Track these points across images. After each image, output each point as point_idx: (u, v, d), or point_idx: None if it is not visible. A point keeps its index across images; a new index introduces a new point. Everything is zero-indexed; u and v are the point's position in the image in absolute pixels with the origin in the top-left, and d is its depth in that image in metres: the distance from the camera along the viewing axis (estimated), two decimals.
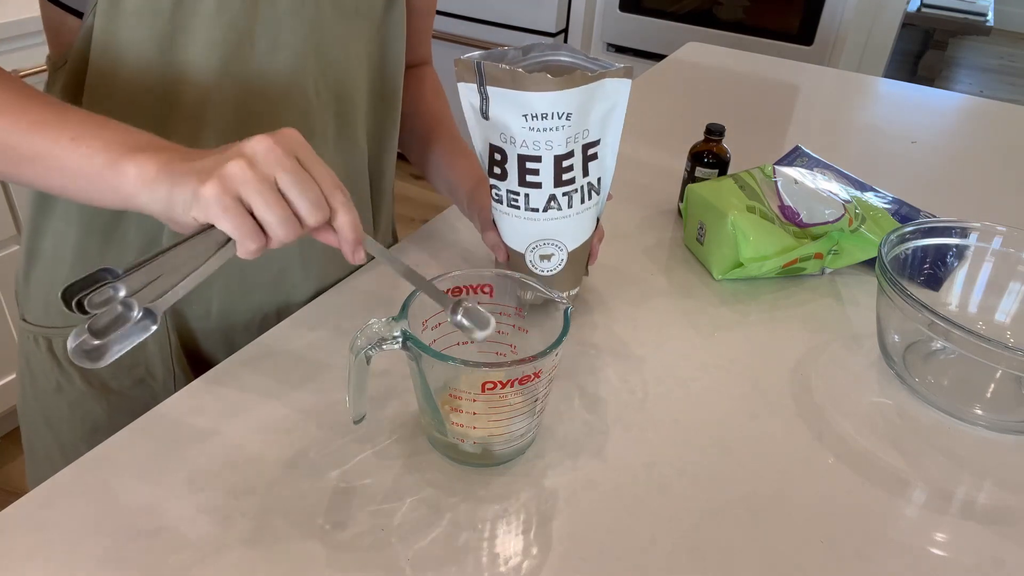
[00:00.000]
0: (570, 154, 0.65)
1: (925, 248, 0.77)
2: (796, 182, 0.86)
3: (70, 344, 0.44)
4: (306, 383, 0.65)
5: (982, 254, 0.77)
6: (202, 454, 0.58)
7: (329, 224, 0.50)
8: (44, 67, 0.65)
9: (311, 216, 0.48)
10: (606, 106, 0.65)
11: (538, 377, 0.53)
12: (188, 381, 0.69)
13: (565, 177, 0.66)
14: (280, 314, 0.75)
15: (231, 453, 0.58)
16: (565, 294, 0.72)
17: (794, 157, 1.05)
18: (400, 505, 0.55)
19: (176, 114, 0.63)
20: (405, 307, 0.55)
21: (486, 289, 0.59)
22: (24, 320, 0.73)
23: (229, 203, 0.46)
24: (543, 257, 0.70)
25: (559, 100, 0.61)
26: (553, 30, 2.45)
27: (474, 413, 0.54)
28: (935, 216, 0.92)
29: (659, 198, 0.99)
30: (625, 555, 0.53)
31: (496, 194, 0.68)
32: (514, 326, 0.61)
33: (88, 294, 0.45)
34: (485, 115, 0.64)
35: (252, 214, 0.47)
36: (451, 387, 0.54)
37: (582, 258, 0.72)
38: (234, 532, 0.52)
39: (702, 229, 0.85)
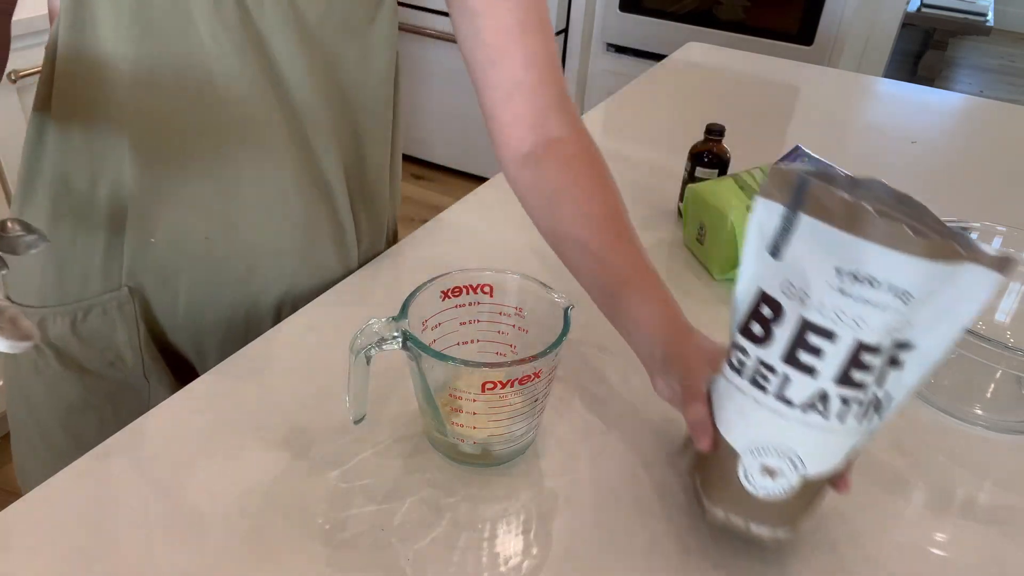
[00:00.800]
0: (877, 348, 0.45)
1: None
2: None
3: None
4: (306, 383, 0.65)
5: None
6: (202, 453, 0.58)
7: None
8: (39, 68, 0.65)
9: None
10: (947, 301, 0.43)
11: (538, 377, 0.53)
12: (157, 368, 0.68)
13: (855, 376, 0.45)
14: (248, 318, 0.74)
15: (231, 452, 0.58)
16: (769, 530, 0.51)
17: (794, 157, 1.05)
18: (400, 505, 0.55)
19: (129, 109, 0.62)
20: (405, 307, 0.55)
21: (486, 289, 0.59)
22: None
23: None
24: (766, 470, 0.49)
25: (906, 269, 0.42)
26: (553, 30, 2.45)
27: (474, 413, 0.54)
28: None
29: (659, 198, 0.99)
30: (625, 555, 0.53)
31: (737, 359, 0.49)
32: (514, 326, 0.60)
33: None
34: (775, 252, 0.46)
35: None
36: (451, 387, 0.54)
37: (813, 492, 0.50)
38: (234, 532, 0.52)
39: (702, 229, 0.85)
